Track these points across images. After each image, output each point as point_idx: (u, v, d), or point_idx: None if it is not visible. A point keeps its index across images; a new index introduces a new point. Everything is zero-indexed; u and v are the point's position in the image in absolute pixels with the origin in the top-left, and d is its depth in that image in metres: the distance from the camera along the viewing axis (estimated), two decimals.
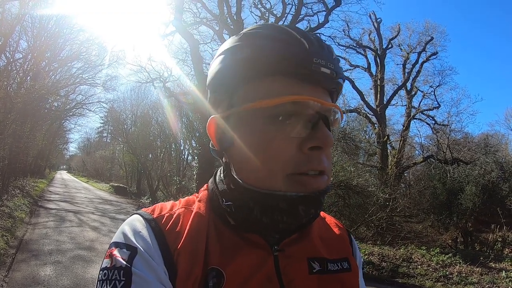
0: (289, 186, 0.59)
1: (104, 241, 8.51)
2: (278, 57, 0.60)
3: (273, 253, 0.65)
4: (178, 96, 16.00)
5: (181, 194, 21.62)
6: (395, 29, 20.29)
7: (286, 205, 0.60)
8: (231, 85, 0.65)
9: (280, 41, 0.61)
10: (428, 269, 7.40)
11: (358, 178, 12.15)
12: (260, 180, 0.61)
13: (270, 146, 0.60)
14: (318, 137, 0.59)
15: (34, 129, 19.82)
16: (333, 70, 0.62)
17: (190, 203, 0.72)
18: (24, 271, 5.76)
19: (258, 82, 0.62)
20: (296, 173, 0.59)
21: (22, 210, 11.21)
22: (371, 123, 19.61)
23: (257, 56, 0.61)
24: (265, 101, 0.60)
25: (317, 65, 0.60)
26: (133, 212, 0.70)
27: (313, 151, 0.59)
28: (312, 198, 0.60)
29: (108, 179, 41.19)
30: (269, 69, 0.61)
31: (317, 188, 0.60)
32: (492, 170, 14.21)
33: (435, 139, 18.17)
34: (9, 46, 15.22)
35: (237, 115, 0.64)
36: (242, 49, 0.63)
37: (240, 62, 0.63)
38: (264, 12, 15.65)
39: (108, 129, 53.90)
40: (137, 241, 0.61)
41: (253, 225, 0.64)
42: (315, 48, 0.61)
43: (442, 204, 14.38)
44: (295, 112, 0.60)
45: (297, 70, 0.60)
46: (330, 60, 0.62)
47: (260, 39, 0.63)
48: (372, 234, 11.32)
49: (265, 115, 0.60)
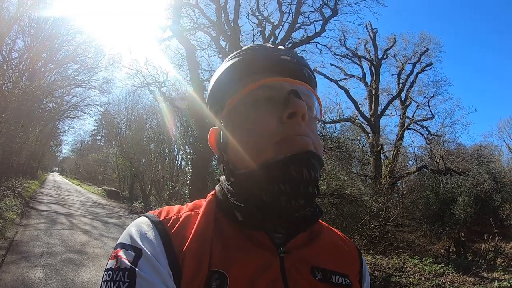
0: (278, 151, 0.63)
1: (95, 245, 8.43)
2: (251, 60, 0.73)
3: (278, 254, 0.66)
4: (173, 101, 15.97)
5: (173, 200, 21.51)
6: (390, 40, 20.50)
7: (278, 170, 0.62)
8: (223, 92, 0.76)
9: (249, 49, 0.76)
10: (420, 278, 7.39)
11: (351, 187, 12.16)
12: (253, 158, 0.65)
13: (255, 124, 0.67)
14: (292, 105, 0.65)
15: (27, 130, 19.72)
16: (293, 57, 0.74)
17: (197, 206, 0.74)
18: (13, 273, 5.67)
19: (240, 83, 0.73)
20: (282, 138, 0.65)
21: (13, 211, 11.08)
22: (365, 132, 19.68)
23: (235, 65, 0.75)
24: (241, 91, 0.71)
25: (276, 54, 0.73)
26: (140, 215, 0.72)
27: (292, 119, 0.65)
28: (301, 156, 0.63)
29: (100, 182, 40.83)
30: (245, 72, 0.73)
31: (304, 146, 0.64)
32: (485, 180, 14.33)
33: (429, 150, 18.30)
34: (5, 45, 15.16)
35: (228, 113, 0.74)
36: (224, 64, 0.77)
37: (226, 72, 0.76)
38: (262, 19, 15.74)
39: (102, 132, 53.67)
40: (142, 243, 0.62)
41: (258, 214, 0.66)
42: (276, 47, 0.76)
43: (435, 214, 14.44)
44: (272, 95, 0.69)
45: (264, 64, 0.72)
46: (290, 52, 0.75)
47: (235, 55, 0.76)
48: (364, 243, 11.30)
49: (247, 103, 0.70)
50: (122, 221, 13.25)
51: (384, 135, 22.08)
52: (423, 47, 19.61)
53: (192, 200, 0.80)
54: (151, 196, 23.94)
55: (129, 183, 29.32)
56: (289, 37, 15.56)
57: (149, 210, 2.78)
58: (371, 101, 19.88)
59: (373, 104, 19.59)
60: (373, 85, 19.82)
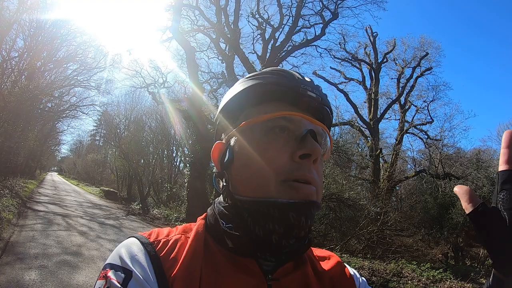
0: (281, 193, 0.62)
1: (91, 246, 8.38)
2: (274, 86, 0.71)
3: (267, 282, 0.66)
4: (173, 102, 15.97)
5: (171, 201, 21.50)
6: (390, 44, 20.56)
7: (277, 212, 0.61)
8: (236, 110, 0.75)
9: (277, 74, 0.72)
10: (418, 284, 7.36)
11: (349, 191, 12.16)
12: (255, 188, 0.64)
13: (265, 154, 0.65)
14: (307, 146, 0.64)
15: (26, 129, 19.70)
16: (319, 95, 0.73)
17: (187, 230, 0.73)
18: (8, 274, 5.63)
19: (259, 106, 0.72)
20: (287, 179, 0.63)
21: (10, 211, 11.01)
22: (364, 136, 19.71)
23: (258, 85, 0.72)
24: (260, 117, 0.68)
25: (304, 89, 0.71)
26: (129, 235, 0.71)
27: (304, 160, 0.64)
28: (302, 205, 0.62)
29: (99, 183, 40.81)
30: (267, 96, 0.71)
31: (308, 195, 0.63)
32: (483, 185, 14.31)
33: (428, 154, 18.33)
34: (5, 44, 15.15)
35: (238, 133, 0.71)
36: (247, 82, 0.74)
37: (244, 91, 0.73)
38: (262, 22, 15.76)
39: (101, 133, 53.64)
40: (133, 264, 0.61)
41: (249, 245, 0.65)
42: (304, 80, 0.73)
43: (433, 219, 14.44)
44: (288, 127, 0.67)
45: (289, 94, 0.70)
46: (316, 88, 0.73)
47: (261, 75, 0.74)
48: (362, 247, 11.29)
49: (261, 129, 0.67)
50: (119, 223, 13.21)
51: (383, 139, 22.11)
52: (423, 51, 19.68)
53: (190, 202, 0.79)
54: (149, 197, 23.91)
55: (127, 184, 29.31)
56: (289, 40, 15.60)
57: (147, 211, 2.74)
58: (370, 104, 19.92)
59: (372, 108, 19.62)
60: (372, 88, 19.85)
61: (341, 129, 19.90)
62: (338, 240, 11.74)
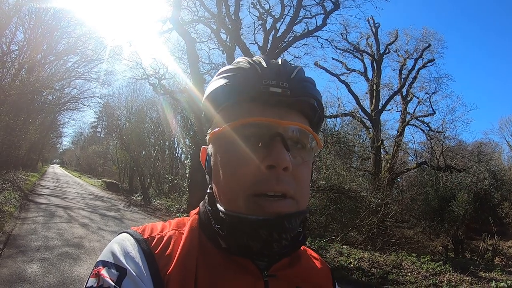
0: (250, 209, 0.60)
1: (92, 238, 8.43)
2: (239, 86, 0.65)
3: (263, 278, 0.65)
4: (174, 93, 15.93)
5: (173, 192, 21.58)
6: (393, 35, 20.40)
7: (248, 229, 0.60)
8: (210, 115, 0.71)
9: (243, 70, 0.67)
10: (418, 276, 7.39)
11: (350, 182, 12.19)
12: (228, 202, 0.63)
13: (233, 165, 0.62)
14: (272, 155, 0.60)
15: (27, 122, 19.73)
16: (287, 88, 0.64)
17: (180, 225, 0.71)
18: (10, 267, 5.66)
19: (230, 108, 0.67)
20: (255, 194, 0.60)
21: (12, 204, 11.06)
22: (365, 127, 19.67)
23: (227, 86, 0.67)
24: (228, 125, 0.64)
25: (265, 86, 0.64)
26: (122, 231, 0.68)
27: (271, 170, 0.60)
28: (272, 222, 0.59)
29: (100, 174, 41.00)
30: (236, 97, 0.66)
31: (277, 211, 0.59)
32: (484, 178, 14.34)
33: (429, 146, 18.29)
34: (5, 37, 15.10)
35: (213, 139, 0.69)
36: (219, 81, 0.69)
37: (216, 92, 0.69)
38: (263, 12, 15.63)
39: (102, 124, 53.60)
40: (127, 262, 0.59)
41: (240, 249, 0.63)
42: (267, 71, 0.66)
43: (434, 211, 14.48)
44: (258, 134, 0.62)
45: (251, 94, 0.64)
46: (285, 80, 0.65)
47: (231, 72, 0.68)
48: (363, 239, 11.33)
49: (228, 139, 0.64)
50: (121, 214, 13.28)
51: (385, 130, 22.11)
52: (425, 43, 19.54)
53: (191, 193, 0.78)
54: (150, 189, 24.01)
55: (129, 176, 29.44)
56: (290, 31, 15.48)
57: (149, 203, 2.72)
58: (372, 96, 19.83)
59: (374, 99, 19.54)
60: (374, 80, 19.76)
61: (343, 120, 19.87)
62: (338, 231, 11.79)
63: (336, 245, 9.61)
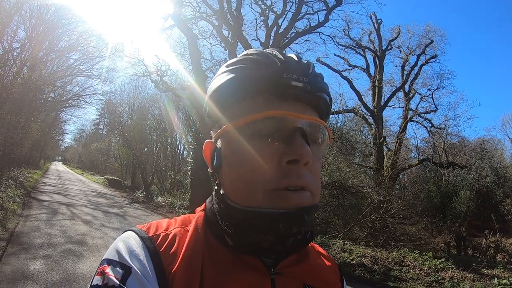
0: (270, 203, 0.59)
1: (95, 235, 8.46)
2: (252, 78, 0.64)
3: (270, 276, 0.65)
4: (176, 90, 15.93)
5: (175, 189, 21.63)
6: (395, 31, 20.30)
7: (266, 223, 0.59)
8: (220, 108, 0.68)
9: (256, 62, 0.65)
10: (420, 273, 7.40)
11: (353, 178, 12.18)
12: (243, 197, 0.62)
13: (251, 161, 0.60)
14: (294, 150, 0.59)
15: (29, 120, 19.73)
16: (307, 83, 0.64)
17: (186, 222, 0.71)
18: (13, 264, 5.69)
19: (242, 102, 0.65)
20: (276, 189, 0.59)
21: (15, 201, 11.12)
22: (368, 124, 19.62)
23: (238, 79, 0.65)
24: (241, 119, 0.62)
25: (287, 79, 0.62)
26: (127, 228, 0.68)
27: (291, 165, 0.59)
28: (293, 215, 0.58)
29: (103, 171, 41.10)
30: (248, 90, 0.64)
31: (298, 204, 0.59)
32: (487, 175, 14.31)
33: (431, 142, 18.26)
34: (6, 35, 15.11)
35: (223, 135, 0.67)
36: (227, 75, 0.67)
37: (225, 86, 0.66)
38: (265, 9, 15.58)
39: (104, 122, 53.62)
40: (131, 260, 0.59)
41: (248, 246, 0.63)
42: (287, 64, 0.64)
43: (436, 207, 14.47)
44: (275, 128, 0.61)
45: (270, 87, 0.63)
46: (304, 74, 0.65)
47: (239, 64, 0.67)
48: (365, 235, 11.34)
49: (246, 133, 0.62)
50: (124, 211, 13.33)
51: (387, 127, 22.03)
52: (428, 39, 19.42)
53: (194, 189, 0.77)
54: (153, 185, 24.06)
55: (131, 172, 29.50)
56: (292, 27, 15.42)
57: (151, 199, 2.72)
58: (374, 92, 19.77)
59: (376, 96, 19.48)
60: (376, 76, 19.69)
61: (345, 116, 19.81)
62: (341, 228, 11.80)
63: (339, 241, 9.62)
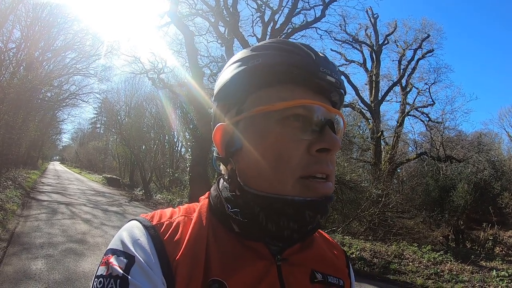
0: (298, 191, 0.60)
1: (95, 234, 8.47)
2: (288, 66, 0.63)
3: (276, 262, 0.65)
4: (173, 87, 15.89)
5: (174, 186, 21.62)
6: (391, 25, 20.31)
7: (293, 210, 0.60)
8: (243, 91, 0.67)
9: (289, 51, 0.65)
10: (419, 266, 7.45)
11: (351, 173, 12.19)
12: (269, 184, 0.61)
13: (280, 147, 0.61)
14: (326, 139, 0.61)
15: (26, 120, 19.67)
16: (338, 79, 0.66)
17: (190, 211, 0.71)
18: (15, 265, 5.70)
19: (270, 88, 0.65)
20: (304, 176, 0.60)
21: (14, 202, 11.09)
22: (365, 118, 19.65)
23: (269, 64, 0.64)
24: (276, 104, 0.62)
25: (323, 73, 0.64)
26: (131, 218, 0.68)
27: (321, 153, 0.61)
28: (319, 203, 0.60)
29: (101, 170, 40.99)
30: (280, 77, 0.64)
31: (325, 193, 0.61)
32: (484, 168, 14.36)
33: (429, 136, 18.30)
34: (2, 35, 15.04)
35: (248, 119, 0.65)
36: (254, 58, 0.66)
37: (252, 70, 0.65)
38: (261, 4, 15.52)
39: (102, 120, 53.56)
40: (135, 249, 0.59)
41: (257, 233, 0.64)
42: (321, 59, 0.65)
43: (434, 201, 14.52)
44: (305, 116, 0.62)
45: (306, 78, 0.63)
46: (334, 71, 0.66)
47: (270, 49, 0.66)
48: (364, 229, 11.39)
49: (276, 118, 0.62)
50: (123, 209, 13.33)
51: (384, 121, 22.10)
52: (424, 33, 19.46)
53: (192, 186, 0.78)
54: (151, 183, 24.03)
55: (130, 170, 29.43)
56: (289, 22, 15.39)
57: (150, 197, 2.73)
58: (371, 87, 19.80)
59: (374, 90, 19.51)
60: (373, 71, 19.71)
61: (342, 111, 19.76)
62: (340, 222, 11.82)
63: (338, 235, 9.66)
